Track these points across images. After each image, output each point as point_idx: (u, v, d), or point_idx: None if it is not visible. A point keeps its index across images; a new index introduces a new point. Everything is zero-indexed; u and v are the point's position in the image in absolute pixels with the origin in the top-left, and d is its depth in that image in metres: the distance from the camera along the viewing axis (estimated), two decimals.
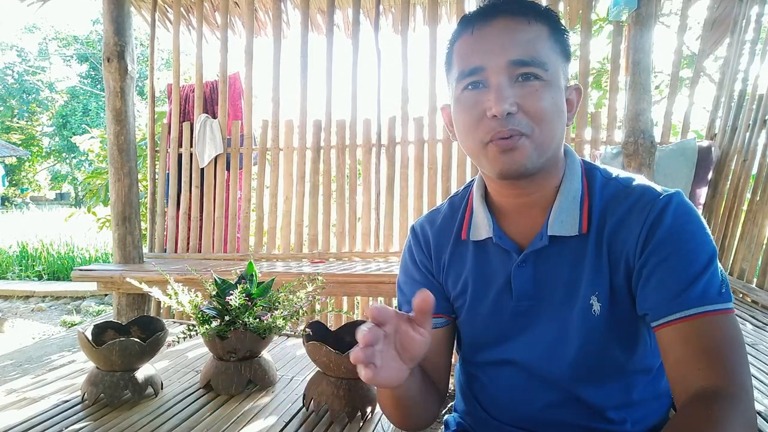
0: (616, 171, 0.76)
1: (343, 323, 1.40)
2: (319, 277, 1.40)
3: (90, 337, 1.25)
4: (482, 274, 0.78)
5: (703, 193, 2.97)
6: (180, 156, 3.67)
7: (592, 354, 0.72)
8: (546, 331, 0.74)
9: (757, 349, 1.66)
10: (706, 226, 0.67)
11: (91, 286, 3.08)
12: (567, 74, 0.72)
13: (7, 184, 21.22)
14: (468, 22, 0.70)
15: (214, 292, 1.34)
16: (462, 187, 0.88)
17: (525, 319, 0.75)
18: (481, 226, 0.78)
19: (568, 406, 0.74)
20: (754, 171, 2.65)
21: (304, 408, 1.21)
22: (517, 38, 0.67)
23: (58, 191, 26.61)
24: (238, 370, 1.31)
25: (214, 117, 3.69)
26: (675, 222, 0.66)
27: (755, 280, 2.47)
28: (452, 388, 1.14)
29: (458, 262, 0.81)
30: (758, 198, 2.55)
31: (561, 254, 0.73)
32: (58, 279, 6.37)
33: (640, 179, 0.73)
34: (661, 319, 0.64)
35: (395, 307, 0.88)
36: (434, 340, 0.82)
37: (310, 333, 1.23)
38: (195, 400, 1.27)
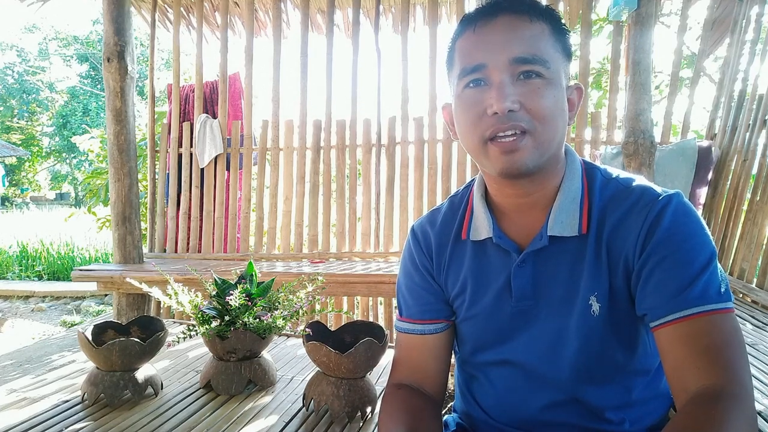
0: (616, 171, 0.76)
1: (343, 323, 1.40)
2: (319, 277, 1.40)
3: (90, 337, 1.25)
4: (482, 274, 0.78)
5: (703, 193, 2.97)
6: (180, 156, 3.67)
7: (591, 354, 0.71)
8: (545, 332, 0.74)
9: (757, 349, 1.66)
10: (706, 226, 0.67)
11: (91, 286, 3.07)
12: (568, 73, 0.72)
13: (7, 184, 21.22)
14: (470, 19, 0.70)
15: (214, 292, 1.34)
16: (462, 187, 0.88)
17: (524, 320, 0.75)
18: (481, 226, 0.78)
19: (567, 406, 0.74)
20: (754, 171, 2.65)
21: (304, 408, 1.21)
22: (518, 36, 0.67)
23: (58, 191, 26.57)
24: (238, 370, 1.31)
25: (214, 117, 3.68)
26: (674, 222, 0.66)
27: (755, 280, 2.47)
28: (452, 388, 1.14)
29: (458, 262, 0.81)
30: (758, 198, 2.55)
31: (561, 254, 0.73)
32: (58, 279, 6.36)
33: (640, 180, 0.73)
34: (660, 319, 0.64)
35: (395, 307, 0.88)
36: (433, 345, 0.82)
37: (310, 333, 1.23)
38: (195, 400, 1.27)
